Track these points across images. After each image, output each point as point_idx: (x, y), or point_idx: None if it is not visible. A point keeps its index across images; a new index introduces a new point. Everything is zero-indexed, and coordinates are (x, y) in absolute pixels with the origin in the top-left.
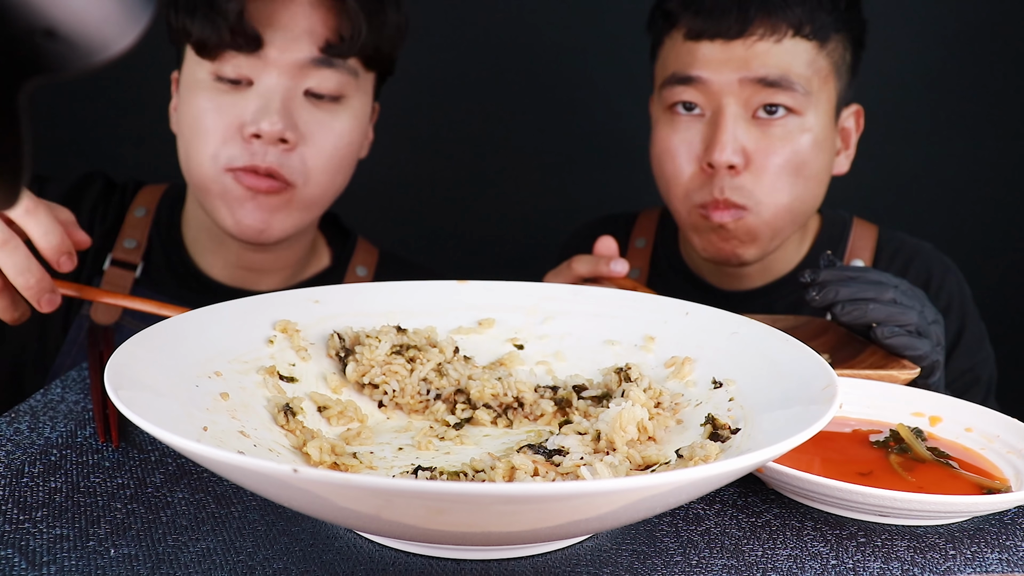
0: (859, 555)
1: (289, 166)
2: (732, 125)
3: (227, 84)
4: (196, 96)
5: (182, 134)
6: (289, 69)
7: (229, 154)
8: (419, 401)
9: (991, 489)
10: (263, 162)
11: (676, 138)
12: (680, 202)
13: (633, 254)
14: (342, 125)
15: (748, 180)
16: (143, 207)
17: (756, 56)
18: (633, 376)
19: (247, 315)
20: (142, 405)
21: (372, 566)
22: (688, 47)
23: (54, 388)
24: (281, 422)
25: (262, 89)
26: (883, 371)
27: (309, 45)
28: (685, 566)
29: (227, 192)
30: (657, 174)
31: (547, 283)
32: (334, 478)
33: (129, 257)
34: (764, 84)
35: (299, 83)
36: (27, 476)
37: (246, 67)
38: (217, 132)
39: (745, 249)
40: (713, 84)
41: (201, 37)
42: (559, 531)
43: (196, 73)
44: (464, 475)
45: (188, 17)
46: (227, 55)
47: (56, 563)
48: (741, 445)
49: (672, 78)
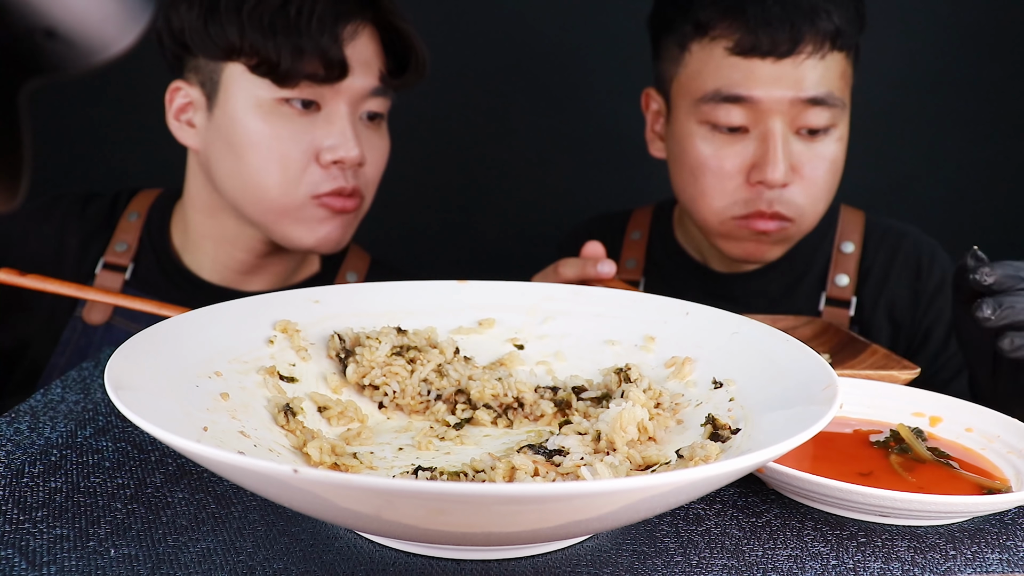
0: (859, 555)
1: (362, 183)
2: (783, 143)
3: (294, 109)
4: (256, 120)
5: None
6: (355, 97)
7: (312, 181)
8: (419, 402)
9: (991, 489)
10: (347, 184)
11: (720, 154)
12: (714, 214)
13: (629, 246)
14: (385, 142)
15: (796, 193)
16: (136, 212)
17: (805, 76)
18: (633, 377)
19: (247, 315)
20: (142, 405)
21: (372, 566)
22: (733, 63)
23: (54, 388)
24: (281, 422)
25: (332, 116)
26: (883, 371)
27: (373, 75)
28: (685, 566)
29: (311, 216)
30: (688, 183)
31: (547, 283)
32: (334, 478)
33: (119, 260)
34: (811, 103)
35: (360, 108)
36: (27, 476)
37: (317, 92)
38: (292, 159)
39: (777, 251)
40: (764, 104)
41: (290, 67)
42: (559, 531)
43: (254, 95)
44: (464, 475)
45: (266, 41)
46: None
47: (56, 563)
48: (741, 445)
49: (717, 95)
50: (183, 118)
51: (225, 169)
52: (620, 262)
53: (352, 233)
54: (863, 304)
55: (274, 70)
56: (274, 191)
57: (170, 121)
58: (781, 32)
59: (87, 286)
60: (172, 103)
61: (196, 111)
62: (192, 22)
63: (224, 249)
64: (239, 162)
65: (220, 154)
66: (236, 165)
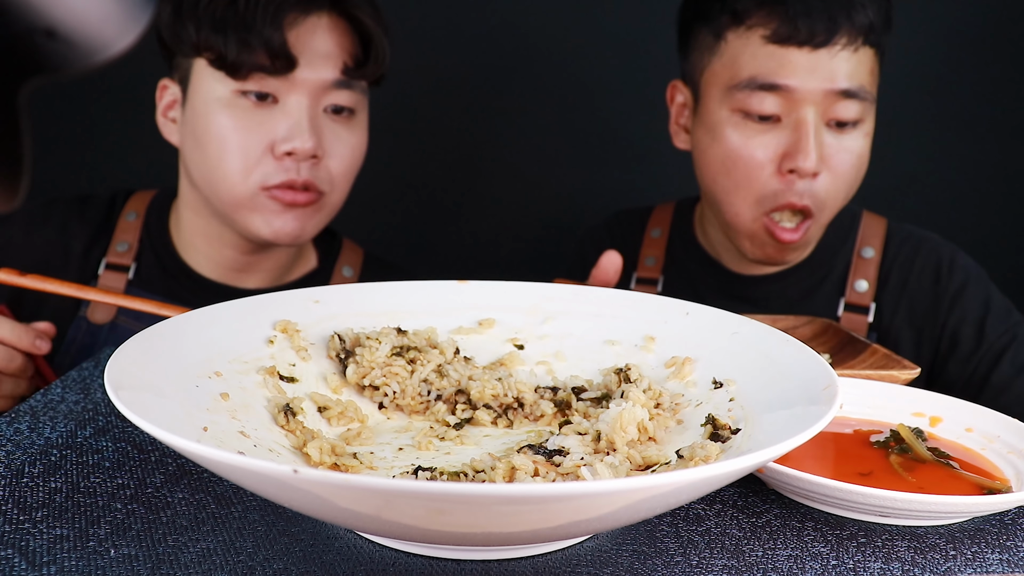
0: (859, 555)
1: (319, 177)
2: (816, 133)
3: (250, 101)
4: (216, 113)
5: (203, 151)
6: (314, 89)
7: (263, 172)
8: (420, 402)
9: (992, 489)
10: (299, 176)
11: (751, 143)
12: (749, 207)
13: (649, 243)
14: (356, 137)
15: (823, 184)
16: (134, 211)
17: (838, 68)
18: (633, 377)
19: (247, 315)
20: (142, 405)
21: (372, 566)
22: (770, 51)
23: (54, 388)
24: (281, 422)
25: (290, 108)
26: (883, 371)
27: (332, 67)
28: (685, 566)
29: (264, 207)
30: (719, 174)
31: (547, 283)
32: (334, 479)
33: (121, 260)
34: (843, 95)
35: (321, 101)
36: (27, 476)
37: (272, 85)
38: (247, 151)
39: (797, 255)
40: (799, 93)
41: (236, 59)
42: (559, 531)
43: (214, 89)
44: (464, 475)
45: (217, 36)
46: (256, 75)
47: (56, 563)
48: (741, 445)
49: (752, 83)
50: (169, 115)
51: (194, 162)
52: (639, 259)
53: (316, 227)
54: (882, 310)
55: (225, 63)
56: (227, 181)
57: (158, 118)
58: (819, 22)
59: (87, 286)
60: (161, 100)
61: (177, 108)
62: (166, 19)
63: (214, 247)
64: (203, 154)
65: (190, 148)
66: (201, 157)
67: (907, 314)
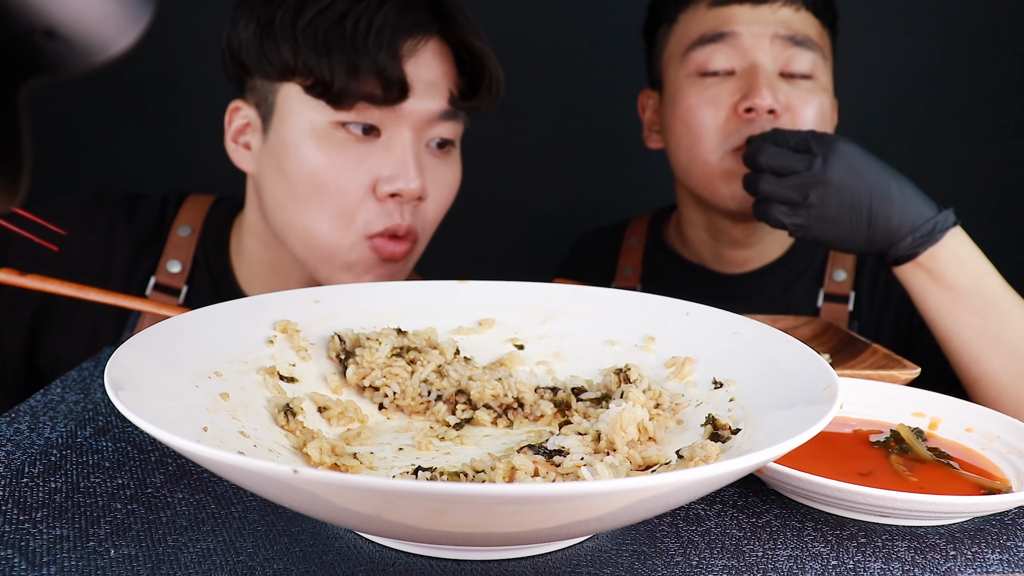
0: (860, 555)
1: (419, 221)
2: (769, 75)
3: (350, 134)
4: (310, 146)
5: (291, 188)
6: (419, 122)
7: (366, 218)
8: (420, 403)
9: (992, 489)
10: (403, 221)
11: (707, 94)
12: (711, 152)
13: (627, 252)
14: (454, 174)
15: (786, 124)
16: (188, 225)
17: (782, 19)
18: (633, 377)
19: (247, 315)
20: (142, 405)
21: (372, 567)
22: (716, 11)
23: (54, 388)
24: (281, 422)
25: (393, 143)
26: (883, 371)
27: (440, 97)
28: (685, 566)
29: (360, 260)
30: (682, 134)
31: (547, 283)
32: (334, 479)
33: (172, 281)
34: (793, 42)
35: (425, 135)
36: (27, 476)
37: (375, 116)
38: (346, 193)
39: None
40: (746, 39)
41: (343, 87)
42: (560, 531)
43: (308, 118)
44: (464, 475)
45: (320, 59)
46: (360, 104)
47: (56, 563)
48: (742, 445)
49: (701, 39)
50: (241, 140)
51: (276, 198)
52: (618, 270)
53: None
54: (861, 299)
55: (328, 90)
56: (324, 227)
57: (227, 143)
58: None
59: (87, 286)
60: (231, 124)
61: (253, 133)
62: (248, 40)
63: (281, 281)
64: (291, 192)
65: (271, 181)
66: (288, 195)
67: (883, 300)
